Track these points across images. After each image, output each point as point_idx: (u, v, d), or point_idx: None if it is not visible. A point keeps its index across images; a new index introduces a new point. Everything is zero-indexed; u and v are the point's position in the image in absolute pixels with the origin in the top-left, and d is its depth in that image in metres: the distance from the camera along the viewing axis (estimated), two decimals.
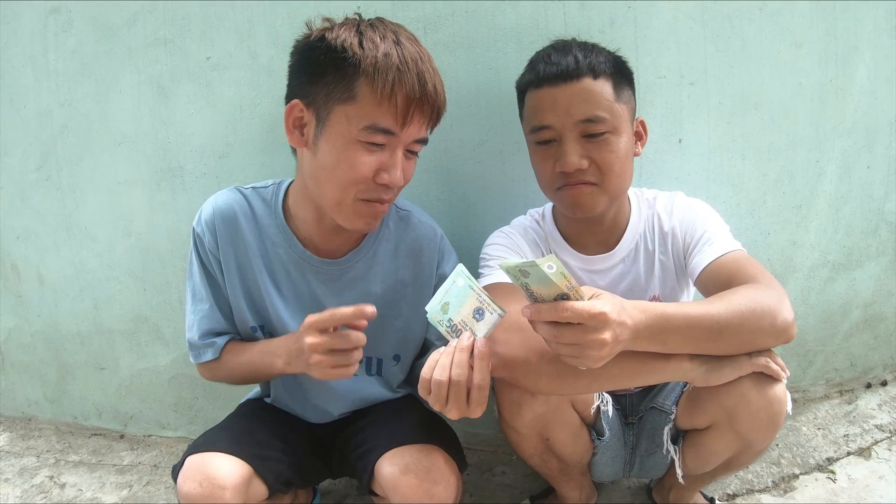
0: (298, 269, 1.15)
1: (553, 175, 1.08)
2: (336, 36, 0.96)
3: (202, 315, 1.17)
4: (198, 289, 1.17)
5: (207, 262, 1.16)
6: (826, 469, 1.43)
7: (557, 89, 1.04)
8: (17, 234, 1.81)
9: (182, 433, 1.79)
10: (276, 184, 1.17)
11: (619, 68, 1.08)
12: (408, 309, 1.19)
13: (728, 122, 1.44)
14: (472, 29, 1.38)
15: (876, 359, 1.69)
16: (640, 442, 1.22)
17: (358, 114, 0.95)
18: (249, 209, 1.14)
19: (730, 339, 0.89)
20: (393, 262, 1.17)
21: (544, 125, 1.06)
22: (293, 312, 1.16)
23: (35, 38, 1.64)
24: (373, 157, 0.97)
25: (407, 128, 0.97)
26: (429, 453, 1.05)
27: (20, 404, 2.00)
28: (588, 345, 0.78)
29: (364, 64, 0.93)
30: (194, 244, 1.16)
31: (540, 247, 1.19)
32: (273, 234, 1.14)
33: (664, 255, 1.15)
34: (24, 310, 1.88)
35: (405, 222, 1.19)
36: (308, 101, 1.00)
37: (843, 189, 1.53)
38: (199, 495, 1.00)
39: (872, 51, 1.47)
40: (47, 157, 1.70)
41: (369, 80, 0.93)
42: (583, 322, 0.77)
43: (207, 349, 1.17)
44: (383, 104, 0.94)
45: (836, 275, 1.58)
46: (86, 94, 1.62)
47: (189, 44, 1.51)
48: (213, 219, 1.13)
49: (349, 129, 0.96)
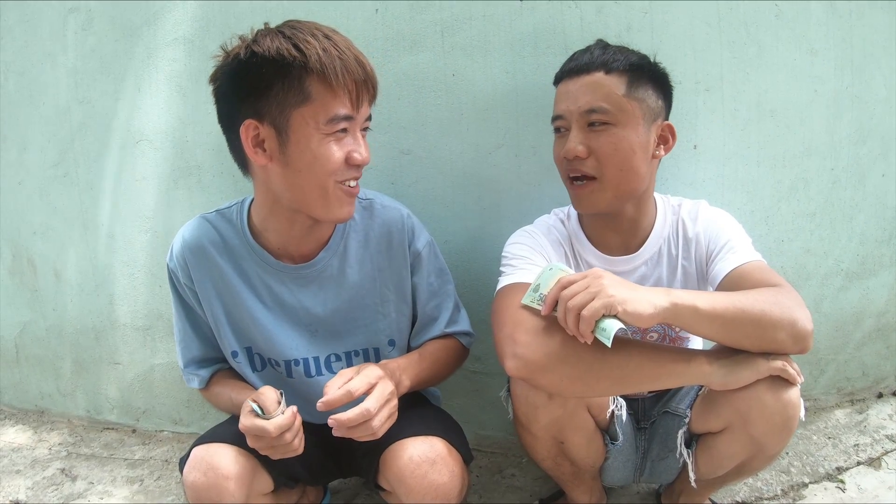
0: (277, 280, 1.17)
1: (562, 164, 1.13)
2: (266, 47, 0.95)
3: (184, 346, 1.23)
4: (176, 320, 1.23)
5: (185, 295, 1.19)
6: (835, 478, 1.42)
7: (571, 82, 1.10)
8: (34, 230, 1.83)
9: (194, 429, 1.80)
10: (239, 203, 1.19)
11: (641, 67, 1.09)
12: (391, 293, 1.20)
13: (743, 128, 1.44)
14: (490, 33, 1.39)
15: (888, 369, 1.68)
16: (652, 447, 1.22)
17: (317, 111, 0.97)
18: (217, 235, 1.16)
19: (751, 325, 0.90)
20: (365, 251, 1.19)
21: (558, 115, 1.13)
22: (283, 324, 1.18)
23: (55, 36, 1.66)
24: (341, 145, 1.01)
25: (360, 109, 1.02)
26: (433, 445, 1.05)
27: (34, 397, 2.02)
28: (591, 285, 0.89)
29: (310, 63, 0.95)
30: (170, 280, 1.20)
31: (563, 246, 1.20)
32: (244, 252, 1.16)
33: (687, 261, 1.16)
34: (40, 304, 1.89)
35: (369, 210, 1.20)
36: (260, 118, 0.99)
37: (857, 197, 1.53)
38: (204, 485, 1.02)
39: (888, 58, 1.47)
40: (65, 153, 1.72)
41: (320, 76, 0.96)
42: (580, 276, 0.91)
43: (193, 377, 1.23)
44: (339, 94, 0.98)
45: (850, 283, 1.58)
46: (104, 91, 1.64)
47: (209, 43, 1.52)
48: (182, 254, 1.15)
49: (314, 128, 0.98)
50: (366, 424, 0.96)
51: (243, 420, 0.99)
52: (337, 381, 0.98)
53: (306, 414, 1.08)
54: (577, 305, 0.88)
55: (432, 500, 1.03)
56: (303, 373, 1.20)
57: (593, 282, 0.89)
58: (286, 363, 1.19)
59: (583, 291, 0.89)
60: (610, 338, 0.86)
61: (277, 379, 1.21)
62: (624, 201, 1.12)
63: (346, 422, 0.95)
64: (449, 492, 1.04)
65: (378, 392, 0.98)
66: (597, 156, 1.07)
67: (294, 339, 1.18)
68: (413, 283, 1.21)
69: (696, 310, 0.89)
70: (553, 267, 0.98)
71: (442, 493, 1.03)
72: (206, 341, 1.23)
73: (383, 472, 1.09)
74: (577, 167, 1.08)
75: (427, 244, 1.22)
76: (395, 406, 1.02)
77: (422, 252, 1.21)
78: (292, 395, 1.11)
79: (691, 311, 0.89)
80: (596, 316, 0.86)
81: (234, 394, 1.17)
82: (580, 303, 0.87)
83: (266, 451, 1.00)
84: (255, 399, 1.00)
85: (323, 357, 1.20)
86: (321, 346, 1.19)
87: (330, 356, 1.20)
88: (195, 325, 1.22)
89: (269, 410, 0.98)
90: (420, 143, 1.46)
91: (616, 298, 0.86)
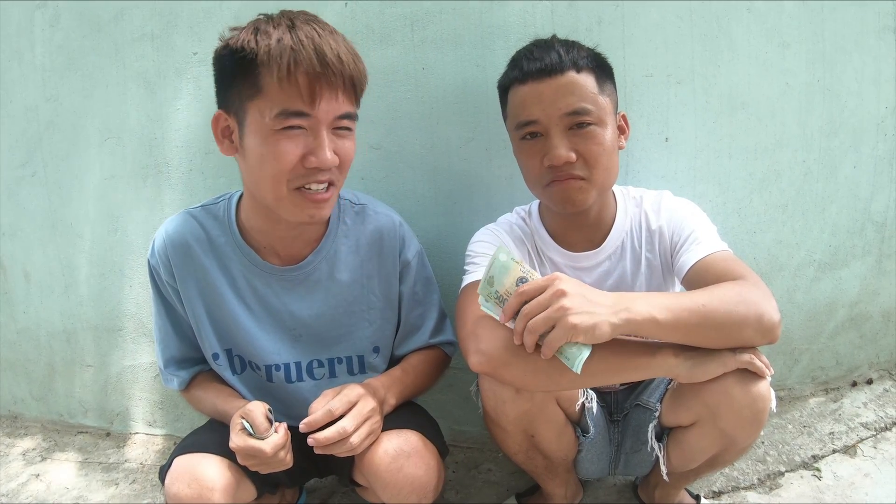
0: (263, 282, 1.14)
1: (541, 170, 1.07)
2: (237, 39, 0.96)
3: (164, 345, 1.20)
4: (156, 318, 1.20)
5: (166, 292, 1.17)
6: (812, 467, 1.43)
7: (542, 84, 1.04)
8: (2, 231, 1.80)
9: (168, 431, 1.78)
10: (227, 198, 1.16)
11: (600, 63, 1.09)
12: (377, 299, 1.19)
13: (715, 121, 1.44)
14: (460, 26, 1.38)
15: (862, 357, 1.70)
16: (626, 439, 1.22)
17: (267, 104, 0.94)
18: (202, 231, 1.13)
19: (714, 329, 0.89)
20: (356, 256, 1.17)
21: (530, 120, 1.06)
22: (266, 327, 1.16)
23: (22, 32, 1.63)
24: (295, 143, 0.96)
25: (319, 105, 0.95)
26: (408, 438, 1.05)
27: (6, 402, 1.98)
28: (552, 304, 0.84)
29: (260, 55, 0.93)
30: (150, 276, 1.17)
31: (525, 244, 1.19)
32: (230, 251, 1.13)
33: (651, 254, 1.15)
34: (10, 307, 1.86)
35: (361, 216, 1.18)
36: (227, 109, 1.00)
37: (829, 189, 1.54)
38: (188, 497, 0.99)
39: (860, 52, 1.48)
40: (33, 152, 1.69)
41: (267, 68, 0.93)
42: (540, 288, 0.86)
43: (173, 378, 1.21)
44: (286, 87, 0.93)
45: (822, 274, 1.59)
46: (72, 89, 1.61)
47: (176, 39, 1.50)
48: (164, 250, 1.13)
49: (264, 122, 0.95)
50: (343, 442, 0.97)
51: (235, 440, 0.99)
52: (320, 402, 1.00)
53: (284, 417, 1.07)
54: (537, 329, 0.85)
55: (408, 493, 1.02)
56: (283, 378, 1.18)
57: (554, 301, 0.85)
58: (266, 367, 1.17)
59: (543, 314, 0.85)
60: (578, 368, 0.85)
61: (258, 383, 1.19)
62: (602, 197, 1.12)
63: (323, 440, 0.96)
64: (425, 485, 1.04)
65: (356, 410, 1.00)
66: (585, 158, 1.04)
67: (276, 343, 1.16)
68: (399, 290, 1.20)
69: (656, 322, 0.87)
70: (505, 258, 0.91)
71: (418, 487, 1.03)
72: (186, 341, 1.20)
73: (359, 467, 1.07)
74: (566, 172, 1.05)
75: (417, 254, 1.21)
76: (376, 423, 1.03)
77: (411, 261, 1.20)
78: (271, 400, 1.10)
79: (650, 323, 0.87)
80: (557, 346, 0.85)
81: (218, 402, 1.15)
82: (539, 327, 0.85)
83: (257, 467, 1.01)
84: (245, 416, 1.00)
85: (305, 363, 1.18)
86: (304, 351, 1.18)
87: (312, 362, 1.19)
88: (175, 324, 1.19)
89: (261, 430, 0.99)
90: (390, 137, 1.45)
91: (578, 328, 0.83)
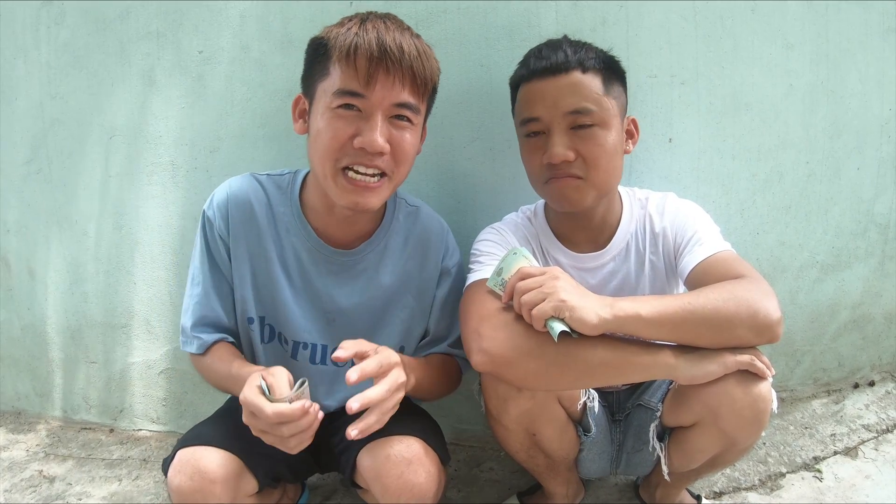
0: (311, 259, 1.16)
1: (541, 167, 1.09)
2: (324, 30, 1.04)
3: (196, 300, 1.15)
4: (197, 273, 1.15)
5: (215, 247, 1.14)
6: (813, 468, 1.43)
7: (546, 82, 1.06)
8: (7, 228, 1.80)
9: (171, 427, 1.79)
10: (293, 173, 1.19)
11: (610, 65, 1.09)
12: (413, 300, 1.20)
13: (718, 122, 1.44)
14: (465, 26, 1.38)
15: (864, 359, 1.70)
16: (627, 439, 1.22)
17: (331, 84, 1.01)
18: (265, 196, 1.15)
19: (704, 326, 0.90)
20: (402, 253, 1.19)
21: (533, 117, 1.08)
22: (302, 304, 1.17)
23: (27, 30, 1.64)
24: (347, 122, 1.01)
25: (374, 88, 0.99)
26: (409, 444, 1.05)
27: (10, 398, 1.99)
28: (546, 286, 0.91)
29: (331, 42, 1.01)
30: (202, 228, 1.15)
31: (530, 244, 1.19)
32: (288, 221, 1.15)
33: (654, 256, 1.16)
34: (15, 304, 1.87)
35: (414, 216, 1.21)
36: (304, 91, 1.09)
37: (832, 190, 1.54)
38: (190, 489, 1.00)
39: (864, 53, 1.48)
40: (38, 150, 1.70)
41: (335, 53, 1.00)
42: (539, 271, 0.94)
43: (194, 341, 1.15)
44: (346, 69, 0.99)
45: (825, 275, 1.59)
46: (77, 87, 1.62)
47: (181, 37, 1.51)
48: (226, 204, 1.13)
49: (326, 101, 1.02)
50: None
51: (246, 391, 0.93)
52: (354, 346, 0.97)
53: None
54: (529, 303, 0.91)
55: (408, 499, 1.02)
56: (308, 357, 1.19)
57: (548, 282, 0.91)
58: (294, 343, 1.18)
59: (536, 289, 0.91)
60: (555, 336, 0.90)
61: (281, 358, 1.18)
62: (602, 199, 1.12)
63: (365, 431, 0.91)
64: (425, 492, 1.03)
65: (392, 379, 0.95)
66: (584, 158, 1.05)
67: (309, 321, 1.17)
68: (434, 294, 1.21)
69: (640, 318, 0.90)
70: (517, 252, 1.00)
71: (418, 493, 1.02)
72: (223, 301, 1.16)
73: (360, 471, 1.08)
74: (564, 170, 1.06)
75: (457, 264, 1.23)
76: (399, 400, 0.98)
77: (451, 269, 1.21)
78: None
79: (634, 319, 0.90)
80: (544, 317, 0.90)
81: (234, 367, 1.09)
82: (532, 301, 0.91)
83: (258, 433, 0.95)
84: (266, 376, 0.95)
85: (332, 347, 1.17)
86: (334, 336, 1.17)
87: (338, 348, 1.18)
88: (217, 283, 1.15)
89: (276, 393, 0.92)
90: None
91: (566, 304, 0.89)
